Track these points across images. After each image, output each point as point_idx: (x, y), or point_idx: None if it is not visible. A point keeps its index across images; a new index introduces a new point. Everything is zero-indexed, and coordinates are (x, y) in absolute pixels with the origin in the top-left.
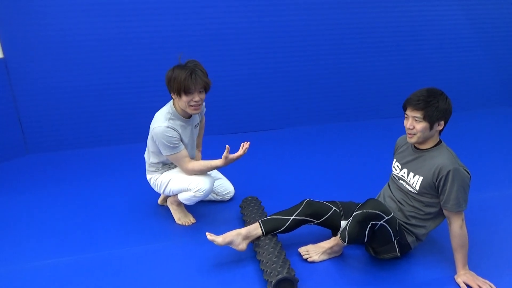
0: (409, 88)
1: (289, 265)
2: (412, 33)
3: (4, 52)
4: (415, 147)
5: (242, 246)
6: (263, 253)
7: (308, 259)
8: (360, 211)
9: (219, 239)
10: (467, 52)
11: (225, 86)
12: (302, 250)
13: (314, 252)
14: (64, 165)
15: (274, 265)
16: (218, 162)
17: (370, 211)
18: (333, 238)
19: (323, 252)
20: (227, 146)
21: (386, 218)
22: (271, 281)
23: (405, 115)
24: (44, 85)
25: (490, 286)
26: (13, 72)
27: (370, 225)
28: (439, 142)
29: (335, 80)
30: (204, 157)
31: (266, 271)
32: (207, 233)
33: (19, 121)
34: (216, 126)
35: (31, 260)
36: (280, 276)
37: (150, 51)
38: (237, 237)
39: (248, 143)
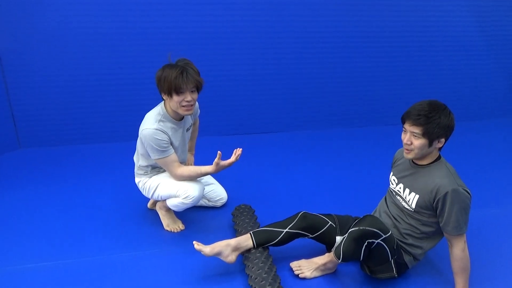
0: (416, 95)
1: (279, 283)
2: (422, 39)
3: None
4: (412, 161)
5: (231, 258)
6: (253, 268)
7: (299, 275)
8: (357, 228)
9: (207, 249)
10: (477, 60)
11: (225, 86)
12: (294, 265)
13: (307, 268)
14: (55, 161)
15: (263, 282)
16: (208, 168)
17: (367, 228)
18: (327, 254)
19: (316, 269)
20: (218, 152)
21: (384, 236)
22: None
23: (403, 129)
24: (39, 80)
25: None
26: (7, 65)
27: (366, 243)
28: (438, 158)
29: (339, 85)
30: (200, 159)
31: (254, 287)
32: (194, 242)
33: (12, 115)
34: (214, 126)
35: (9, 264)
36: None
37: (150, 47)
38: (226, 248)
39: (241, 149)
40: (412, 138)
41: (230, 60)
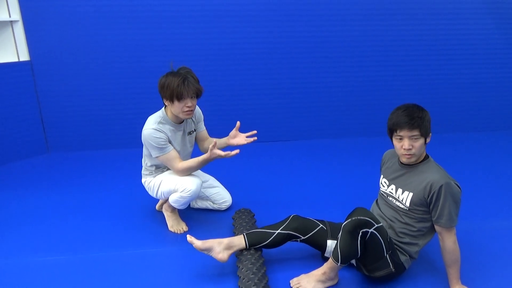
0: (436, 105)
1: (266, 282)
2: (440, 49)
3: (30, 55)
4: (401, 162)
5: (223, 255)
6: (242, 269)
7: None
8: (349, 220)
9: (199, 242)
10: (483, 72)
11: (236, 95)
12: (294, 282)
13: (307, 281)
14: (79, 165)
15: (249, 282)
16: (204, 156)
17: (359, 217)
18: (325, 264)
19: (317, 281)
20: (214, 141)
21: (376, 225)
22: None
23: (398, 137)
24: (66, 88)
25: None
26: (38, 74)
27: (361, 233)
28: (427, 157)
29: (350, 96)
30: (217, 162)
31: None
32: (187, 235)
33: (42, 121)
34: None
35: (28, 256)
36: None
37: (166, 58)
38: (218, 245)
39: (237, 151)
40: (412, 142)
41: (241, 70)
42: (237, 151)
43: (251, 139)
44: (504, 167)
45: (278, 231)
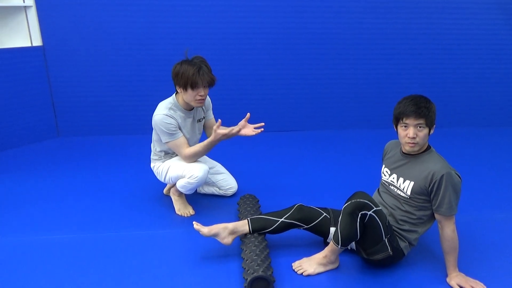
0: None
1: (269, 263)
2: (445, 44)
3: (43, 40)
4: (403, 152)
5: (227, 240)
6: (246, 251)
7: (303, 273)
8: (349, 202)
9: (205, 229)
10: (484, 68)
11: (237, 85)
12: (296, 265)
13: (309, 264)
14: (89, 149)
15: (253, 263)
16: (209, 138)
17: (358, 200)
18: (326, 247)
19: (318, 263)
20: (219, 120)
21: (375, 208)
22: (247, 279)
23: (403, 125)
24: (77, 73)
25: (482, 287)
26: (50, 59)
27: (360, 215)
28: (429, 147)
29: (355, 88)
30: (224, 153)
31: (245, 268)
32: (194, 222)
33: (53, 105)
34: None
35: (40, 234)
36: (254, 275)
37: (175, 46)
38: (224, 230)
39: (238, 128)
40: (417, 131)
41: (247, 62)
42: (238, 127)
43: (259, 130)
44: (508, 163)
45: (282, 219)
